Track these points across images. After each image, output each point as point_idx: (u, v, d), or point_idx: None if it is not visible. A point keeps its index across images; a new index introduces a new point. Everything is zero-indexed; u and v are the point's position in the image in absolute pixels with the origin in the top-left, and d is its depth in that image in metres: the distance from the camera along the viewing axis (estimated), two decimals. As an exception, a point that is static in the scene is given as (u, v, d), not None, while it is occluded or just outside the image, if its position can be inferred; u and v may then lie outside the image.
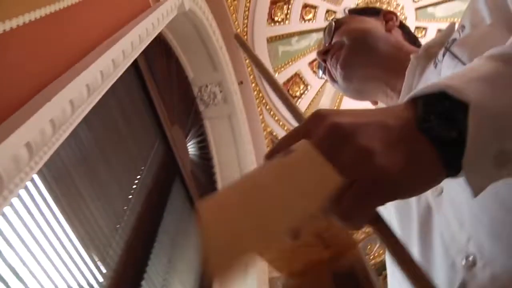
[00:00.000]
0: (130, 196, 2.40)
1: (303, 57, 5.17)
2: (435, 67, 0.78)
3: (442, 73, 0.73)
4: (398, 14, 5.09)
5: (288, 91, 5.22)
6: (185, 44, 3.76)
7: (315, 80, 5.27)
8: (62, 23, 1.41)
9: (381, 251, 5.78)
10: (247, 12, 4.50)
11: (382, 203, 0.39)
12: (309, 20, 5.08)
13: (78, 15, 1.53)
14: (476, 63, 0.46)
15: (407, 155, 0.40)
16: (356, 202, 0.38)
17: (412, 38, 1.10)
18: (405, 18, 5.20)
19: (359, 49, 0.99)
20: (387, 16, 1.10)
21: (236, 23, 4.37)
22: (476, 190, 0.41)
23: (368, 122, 0.41)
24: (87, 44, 1.49)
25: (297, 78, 5.21)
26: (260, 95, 4.91)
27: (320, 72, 1.14)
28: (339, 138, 0.40)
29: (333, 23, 1.08)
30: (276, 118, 5.10)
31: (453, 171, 0.41)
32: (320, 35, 5.19)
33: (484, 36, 0.67)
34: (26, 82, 1.09)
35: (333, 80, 1.06)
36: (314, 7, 5.02)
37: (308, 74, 5.22)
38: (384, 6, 5.10)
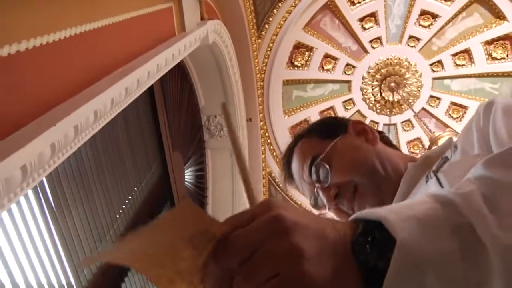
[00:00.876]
0: (117, 216, 2.38)
1: (316, 104, 5.21)
2: (426, 182, 0.79)
3: None
4: (415, 80, 5.15)
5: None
6: (202, 72, 3.80)
7: (322, 129, 5.29)
8: (81, 46, 1.43)
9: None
10: (268, 52, 4.57)
11: None
12: (327, 70, 5.14)
13: (102, 39, 1.55)
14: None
15: (334, 270, 0.42)
16: None
17: (390, 142, 1.07)
18: (421, 86, 5.26)
19: (379, 183, 0.93)
20: (357, 128, 1.04)
21: (257, 61, 4.43)
22: None
23: (309, 225, 0.43)
24: (103, 69, 1.51)
25: (305, 124, 5.23)
26: (266, 134, 4.93)
27: (321, 207, 1.02)
28: (278, 229, 0.42)
29: (325, 164, 0.96)
30: (277, 159, 5.10)
31: None
32: (336, 86, 5.25)
33: (467, 166, 0.67)
34: (33, 103, 1.10)
35: (351, 214, 1.00)
36: (335, 59, 5.09)
37: (317, 122, 5.25)
38: (403, 71, 5.17)
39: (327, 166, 0.95)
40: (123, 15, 1.73)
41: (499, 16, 4.72)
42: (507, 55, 4.96)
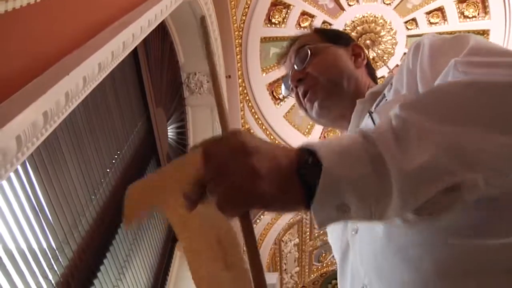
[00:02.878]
0: (108, 170, 2.45)
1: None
2: (368, 117, 0.91)
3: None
4: (390, 38, 5.27)
5: (273, 92, 5.32)
6: (182, 30, 3.81)
7: (299, 86, 5.39)
8: (73, 2, 1.46)
9: (334, 261, 5.96)
10: (246, 9, 4.58)
11: (247, 208, 0.55)
12: (304, 27, 5.18)
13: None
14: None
15: (280, 185, 0.54)
16: (228, 199, 0.53)
17: (373, 74, 1.19)
18: (396, 43, 5.38)
19: (335, 93, 1.06)
20: (356, 50, 1.16)
21: (235, 18, 4.44)
22: (320, 224, 0.57)
23: (266, 150, 0.56)
24: (99, 23, 1.54)
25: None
26: (245, 91, 5.00)
27: (284, 90, 1.20)
28: (239, 151, 0.54)
29: (309, 51, 1.09)
30: (256, 116, 5.20)
31: (308, 206, 0.56)
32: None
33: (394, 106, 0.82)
34: (41, 55, 1.14)
35: (302, 106, 1.13)
36: (312, 16, 5.14)
37: (294, 80, 5.33)
38: (378, 28, 5.26)
39: (309, 55, 1.09)
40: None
41: (472, -26, 4.83)
42: (478, 14, 5.09)
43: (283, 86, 1.21)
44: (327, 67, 1.09)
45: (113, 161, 2.54)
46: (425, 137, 0.56)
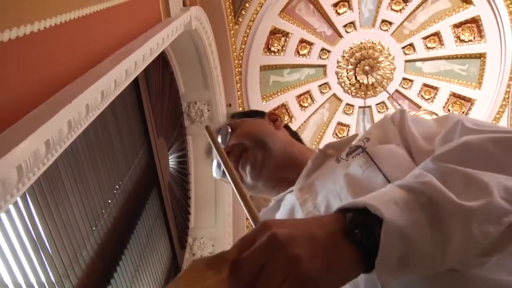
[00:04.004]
0: (110, 201, 2.41)
1: (292, 89, 5.31)
2: (338, 162, 0.93)
3: (351, 169, 0.87)
4: (388, 63, 5.31)
5: (273, 120, 5.32)
6: (182, 59, 3.83)
7: (299, 113, 5.40)
8: (76, 32, 1.45)
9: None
10: (245, 38, 4.62)
11: None
12: (303, 55, 5.23)
13: (92, 25, 1.58)
14: (388, 189, 0.62)
15: (329, 258, 0.53)
16: None
17: (296, 135, 1.25)
18: (394, 69, 5.41)
19: (263, 150, 1.09)
20: (272, 117, 1.22)
21: (234, 47, 4.47)
22: (383, 284, 0.54)
23: (299, 233, 0.54)
24: (102, 51, 1.54)
25: (283, 108, 5.32)
26: (246, 119, 4.99)
27: (216, 174, 1.19)
28: (276, 244, 0.52)
29: (229, 127, 1.15)
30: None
31: (368, 268, 0.54)
32: (311, 70, 5.35)
33: (393, 152, 0.87)
34: (44, 83, 1.12)
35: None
36: (310, 44, 5.18)
37: (294, 107, 5.35)
38: (376, 54, 5.31)
39: (229, 130, 1.14)
40: (114, 1, 1.76)
41: (466, 0, 4.90)
42: (473, 38, 5.15)
43: (214, 173, 1.22)
44: (247, 132, 1.14)
45: (115, 191, 2.50)
46: (471, 182, 0.59)
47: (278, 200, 1.04)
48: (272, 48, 5.06)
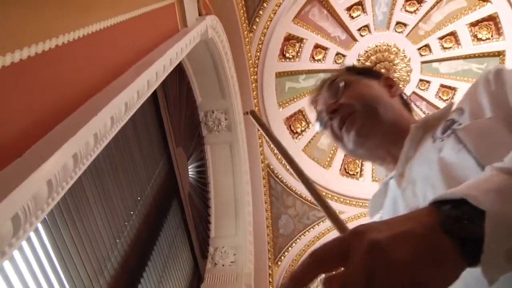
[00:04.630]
0: (132, 212, 2.41)
1: (309, 95, 5.27)
2: (433, 142, 0.87)
3: (444, 152, 0.81)
4: (404, 65, 5.26)
5: (290, 126, 5.30)
6: (199, 68, 3.83)
7: (316, 119, 5.36)
8: (96, 44, 1.46)
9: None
10: (260, 46, 4.61)
11: None
12: (318, 60, 5.21)
13: (112, 38, 1.58)
14: (487, 175, 0.56)
15: (433, 258, 0.48)
16: None
17: (408, 105, 1.17)
18: (411, 70, 5.35)
19: (372, 119, 1.03)
20: (388, 82, 1.15)
21: (249, 54, 4.47)
22: (490, 280, 0.49)
23: (398, 234, 0.50)
24: (124, 63, 1.54)
25: (300, 114, 5.30)
26: (263, 127, 4.97)
27: (319, 126, 1.16)
28: (378, 254, 0.48)
29: (342, 82, 1.09)
30: (274, 151, 5.15)
31: (472, 263, 0.49)
32: (327, 75, 5.31)
33: (487, 129, 0.78)
34: (61, 101, 1.12)
35: (337, 138, 1.09)
36: (325, 49, 5.16)
37: (311, 113, 5.31)
38: (392, 56, 5.26)
39: (342, 86, 1.08)
40: (133, 12, 1.77)
41: (482, -3, 4.84)
42: (491, 36, 5.07)
43: (317, 123, 1.17)
44: (361, 94, 1.07)
45: (136, 203, 2.50)
46: None
47: (385, 183, 1.02)
48: (287, 55, 5.05)
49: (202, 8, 2.82)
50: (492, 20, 4.93)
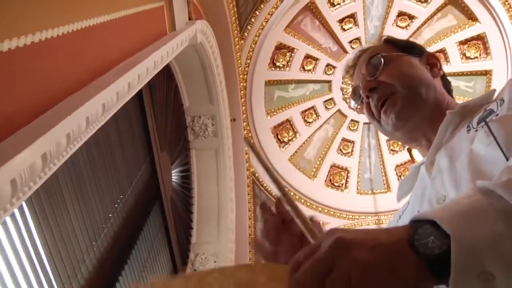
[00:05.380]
0: (110, 215, 2.38)
1: (297, 105, 5.28)
2: (468, 131, 0.84)
3: (474, 144, 0.79)
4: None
5: (277, 135, 5.29)
6: (187, 72, 3.82)
7: (304, 129, 5.37)
8: (79, 42, 1.44)
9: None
10: (251, 53, 4.62)
11: None
12: (308, 70, 5.22)
13: (96, 37, 1.56)
14: (466, 194, 0.56)
15: (395, 269, 0.50)
16: None
17: (449, 87, 1.11)
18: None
19: (414, 102, 0.98)
20: (431, 60, 1.08)
21: (239, 61, 4.47)
22: None
23: (365, 238, 0.52)
24: (106, 63, 1.52)
25: (287, 124, 5.30)
26: (250, 134, 4.97)
27: (354, 102, 1.11)
28: (341, 247, 0.51)
29: (382, 59, 1.02)
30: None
31: (444, 282, 0.50)
32: (316, 86, 5.33)
33: None
34: (44, 94, 1.10)
35: (373, 117, 1.05)
36: (316, 59, 5.18)
37: (299, 122, 5.32)
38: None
39: (382, 63, 1.01)
40: (121, 12, 1.75)
41: (471, 17, 4.89)
42: (479, 55, 5.13)
43: (352, 99, 1.13)
44: (402, 74, 1.01)
45: (116, 205, 2.47)
46: None
47: (417, 167, 0.97)
48: (278, 63, 5.06)
49: (192, 12, 2.81)
50: (481, 39, 4.99)
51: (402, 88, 0.99)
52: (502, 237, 0.49)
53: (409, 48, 1.10)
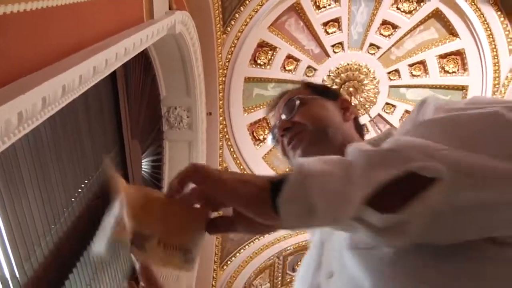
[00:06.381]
0: (73, 199, 2.35)
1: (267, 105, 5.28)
2: None
3: None
4: (373, 87, 5.35)
5: (253, 133, 5.30)
6: (166, 63, 3.79)
7: (280, 129, 5.38)
8: (53, 20, 1.42)
9: None
10: (232, 48, 4.60)
11: (212, 184, 0.59)
12: (289, 70, 5.23)
13: (71, 15, 1.54)
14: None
15: (249, 191, 0.58)
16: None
17: (360, 129, 1.18)
18: (378, 93, 5.44)
19: (321, 141, 1.04)
20: (344, 104, 1.16)
21: (220, 56, 4.45)
22: (286, 224, 0.57)
23: (228, 176, 0.60)
24: (74, 45, 1.50)
25: (264, 122, 5.31)
26: (225, 130, 4.96)
27: (271, 139, 1.18)
28: (197, 169, 0.61)
29: (298, 101, 1.10)
30: (234, 155, 5.14)
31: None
32: (296, 87, 5.34)
33: None
34: (5, 68, 1.08)
35: (285, 155, 1.11)
36: (297, 60, 5.19)
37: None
38: (362, 77, 5.34)
39: (297, 105, 1.09)
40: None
41: (452, 32, 4.97)
42: (457, 70, 5.22)
43: (269, 136, 1.19)
44: (314, 115, 1.08)
45: (79, 190, 2.43)
46: (402, 140, 0.60)
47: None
48: (259, 61, 5.06)
49: (173, 2, 2.79)
50: (460, 55, 5.08)
51: (311, 128, 1.06)
52: (333, 176, 0.56)
53: (325, 92, 1.19)
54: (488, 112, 0.62)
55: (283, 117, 1.11)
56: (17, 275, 1.80)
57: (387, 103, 5.54)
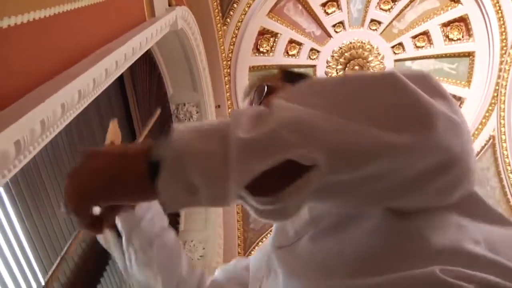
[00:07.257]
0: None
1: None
2: None
3: None
4: (378, 63, 5.31)
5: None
6: (170, 60, 3.79)
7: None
8: (59, 26, 1.42)
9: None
10: (234, 39, 4.59)
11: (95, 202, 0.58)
12: (292, 55, 5.21)
13: (76, 21, 1.54)
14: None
15: (120, 162, 0.58)
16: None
17: None
18: (384, 68, 5.40)
19: None
20: None
21: (223, 48, 4.44)
22: (165, 204, 0.56)
23: (109, 150, 0.61)
24: (82, 50, 1.50)
25: (272, 110, 5.29)
26: (235, 121, 4.96)
27: None
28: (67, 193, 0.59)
29: (266, 87, 1.11)
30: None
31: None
32: (301, 71, 5.32)
33: None
34: (19, 80, 1.08)
35: None
36: (299, 44, 5.16)
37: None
38: (366, 54, 5.30)
39: (265, 91, 1.09)
40: (95, -1, 1.72)
41: (454, -1, 4.91)
42: (462, 36, 5.15)
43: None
44: None
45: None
46: (275, 114, 0.55)
47: None
48: (261, 49, 5.04)
49: (172, -2, 2.78)
50: (463, 21, 5.01)
51: None
52: (210, 154, 0.54)
53: (296, 79, 1.17)
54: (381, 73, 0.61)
55: (254, 103, 1.12)
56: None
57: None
